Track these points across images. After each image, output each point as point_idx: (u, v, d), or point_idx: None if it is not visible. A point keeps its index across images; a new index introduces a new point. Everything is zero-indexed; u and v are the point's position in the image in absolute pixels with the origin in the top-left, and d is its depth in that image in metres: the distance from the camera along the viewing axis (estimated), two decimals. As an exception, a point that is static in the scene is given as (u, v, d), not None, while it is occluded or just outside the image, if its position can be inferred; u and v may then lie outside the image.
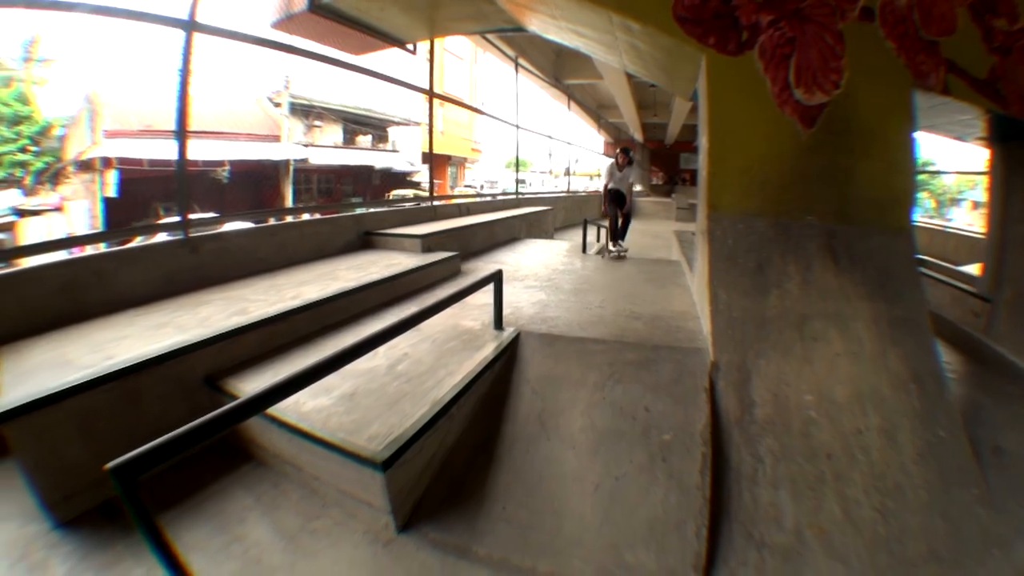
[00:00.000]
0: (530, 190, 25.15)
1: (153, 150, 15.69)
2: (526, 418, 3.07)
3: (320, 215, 7.38)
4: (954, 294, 5.18)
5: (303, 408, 2.53)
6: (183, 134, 4.28)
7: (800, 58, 3.37)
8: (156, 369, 2.67)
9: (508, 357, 3.43)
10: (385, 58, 7.52)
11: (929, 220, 17.15)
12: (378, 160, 26.95)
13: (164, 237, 4.32)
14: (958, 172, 26.68)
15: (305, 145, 22.58)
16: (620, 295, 4.83)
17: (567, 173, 23.13)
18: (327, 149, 23.83)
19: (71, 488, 2.42)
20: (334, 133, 25.12)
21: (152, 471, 1.56)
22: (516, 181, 14.89)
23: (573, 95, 17.78)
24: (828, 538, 2.40)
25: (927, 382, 2.94)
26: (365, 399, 2.67)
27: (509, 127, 12.40)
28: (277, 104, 22.21)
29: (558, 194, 16.33)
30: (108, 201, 16.19)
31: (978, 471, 2.69)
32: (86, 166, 16.87)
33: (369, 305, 4.16)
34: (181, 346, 2.80)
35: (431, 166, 9.04)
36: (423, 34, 7.27)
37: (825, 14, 3.36)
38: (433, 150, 9.09)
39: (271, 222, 5.48)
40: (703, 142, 3.65)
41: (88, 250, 4.07)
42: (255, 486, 2.58)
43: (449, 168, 34.08)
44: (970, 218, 26.94)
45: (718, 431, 2.86)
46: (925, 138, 5.75)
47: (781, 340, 3.12)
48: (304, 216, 6.99)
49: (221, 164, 18.18)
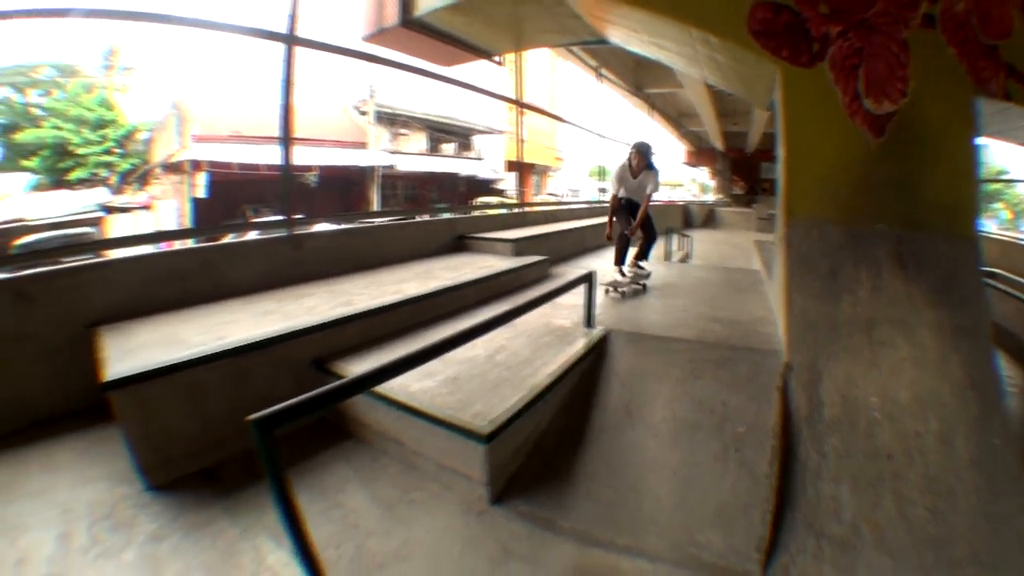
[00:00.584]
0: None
1: (241, 154, 16.50)
2: (614, 408, 3.27)
3: (413, 219, 7.76)
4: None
5: (411, 389, 2.76)
6: (288, 141, 4.59)
7: (868, 68, 3.41)
8: (266, 351, 2.96)
9: (598, 352, 3.65)
10: (471, 69, 7.82)
11: (1004, 232, 16.39)
12: (463, 168, 27.46)
13: (254, 235, 4.73)
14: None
15: (392, 152, 23.21)
16: (701, 300, 5.03)
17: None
18: (413, 156, 24.42)
19: (170, 454, 2.68)
20: (419, 141, 25.76)
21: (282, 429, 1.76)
22: (599, 190, 15.05)
23: (654, 103, 17.82)
24: (881, 533, 2.50)
25: (986, 390, 2.97)
26: (467, 383, 2.91)
27: (590, 135, 12.57)
28: (363, 112, 22.93)
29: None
30: (197, 201, 17.02)
31: (1026, 482, 2.75)
32: (175, 168, 17.80)
33: (465, 303, 4.43)
34: (293, 330, 3.10)
35: (520, 174, 9.30)
36: (510, 47, 7.56)
37: (889, 23, 3.39)
38: (520, 158, 9.41)
39: (362, 224, 5.83)
40: (780, 152, 3.75)
41: (189, 243, 4.47)
42: (355, 460, 2.81)
43: (533, 176, 34.33)
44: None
45: (788, 427, 2.99)
46: (999, 146, 5.68)
47: (851, 344, 3.22)
48: (394, 219, 7.37)
49: (310, 169, 18.83)
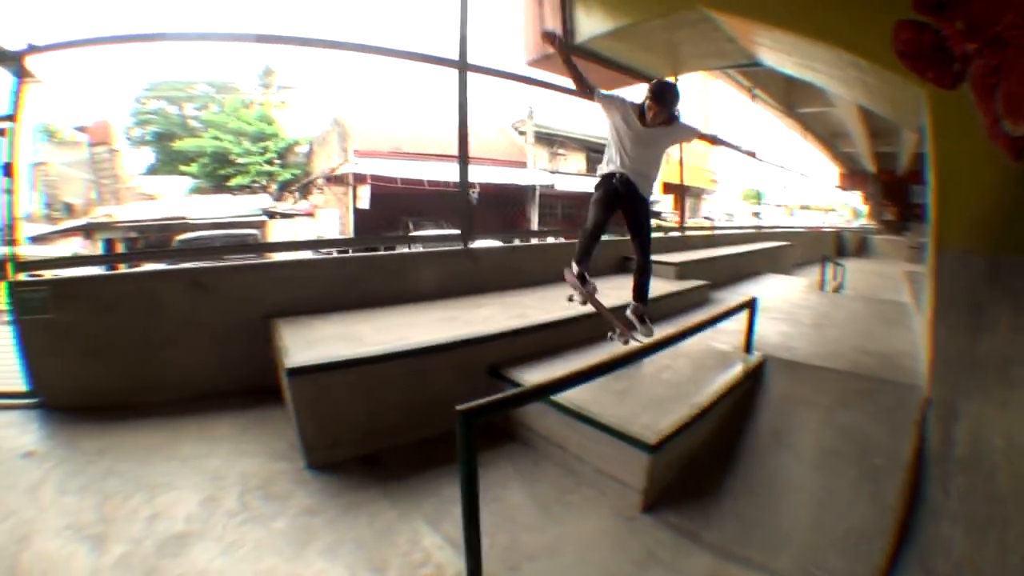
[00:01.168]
0: (767, 224, 25.13)
1: (402, 169, 17.31)
2: (763, 431, 3.43)
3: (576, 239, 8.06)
4: None
5: (583, 398, 2.95)
6: (465, 160, 4.96)
7: (1005, 87, 3.20)
8: (447, 353, 3.25)
9: (754, 377, 3.81)
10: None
11: None
12: None
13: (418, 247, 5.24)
14: None
15: (550, 172, 23.75)
16: (853, 331, 5.09)
17: (802, 207, 22.64)
18: (571, 176, 24.64)
19: (337, 438, 3.00)
20: (577, 161, 26.09)
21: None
22: (754, 215, 14.88)
23: (807, 124, 17.42)
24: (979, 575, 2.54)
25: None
26: (635, 397, 3.13)
27: (743, 158, 12.59)
28: (521, 132, 23.62)
29: (796, 229, 16.59)
30: (359, 212, 18.02)
31: None
32: (337, 180, 18.93)
33: None
34: (476, 336, 3.43)
35: (682, 196, 9.36)
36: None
37: (1019, 36, 3.14)
38: (680, 181, 9.52)
39: (532, 241, 6.17)
40: (930, 178, 3.68)
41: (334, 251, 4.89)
42: (518, 461, 3.05)
43: (688, 199, 33.37)
44: None
45: (920, 463, 3.06)
46: None
47: (985, 382, 3.19)
48: (558, 239, 7.70)
49: (472, 186, 18.85)
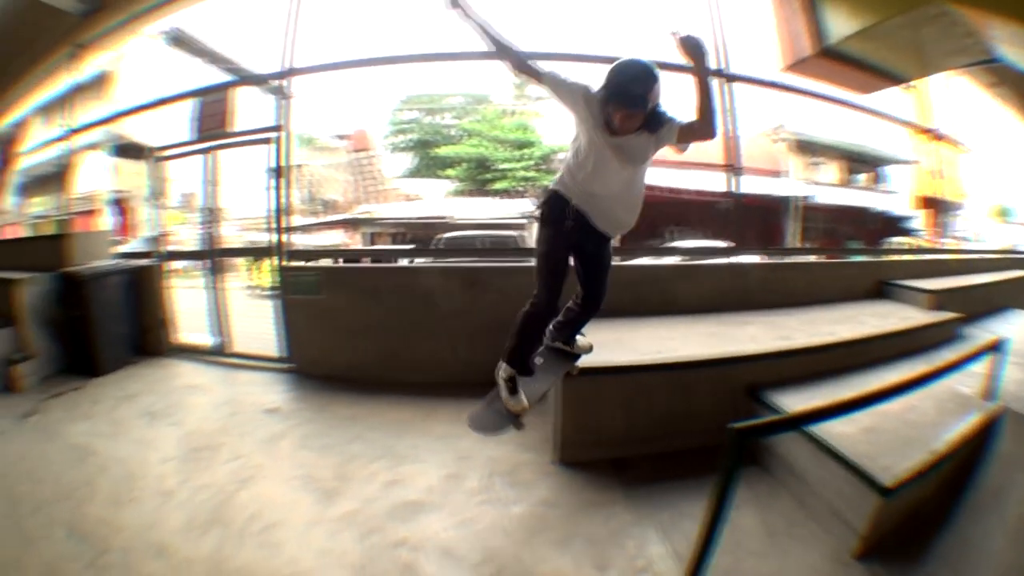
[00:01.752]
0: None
1: (664, 177, 17.18)
2: (983, 491, 3.00)
3: (837, 258, 7.79)
4: None
5: (832, 430, 2.78)
6: (737, 169, 5.10)
7: None
8: (707, 369, 3.25)
9: (988, 428, 3.37)
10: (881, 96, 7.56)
11: None
12: (875, 202, 25.03)
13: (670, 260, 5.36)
14: None
15: (808, 182, 22.78)
16: None
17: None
18: (829, 188, 23.49)
19: (592, 439, 3.12)
20: (833, 171, 24.50)
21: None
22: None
23: None
24: None
25: None
26: (881, 435, 2.87)
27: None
28: (776, 140, 22.77)
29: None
30: None
31: None
32: None
33: (884, 354, 4.22)
34: (737, 355, 3.37)
35: (933, 212, 8.61)
36: (916, 72, 7.24)
37: None
38: (938, 194, 8.89)
39: (793, 259, 6.06)
40: None
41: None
42: (755, 486, 2.93)
43: (940, 215, 31.09)
44: None
45: None
46: None
47: None
48: (820, 257, 7.41)
49: (726, 195, 19.06)
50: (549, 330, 3.14)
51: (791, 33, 6.03)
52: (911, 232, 24.28)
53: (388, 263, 5.61)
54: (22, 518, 3.22)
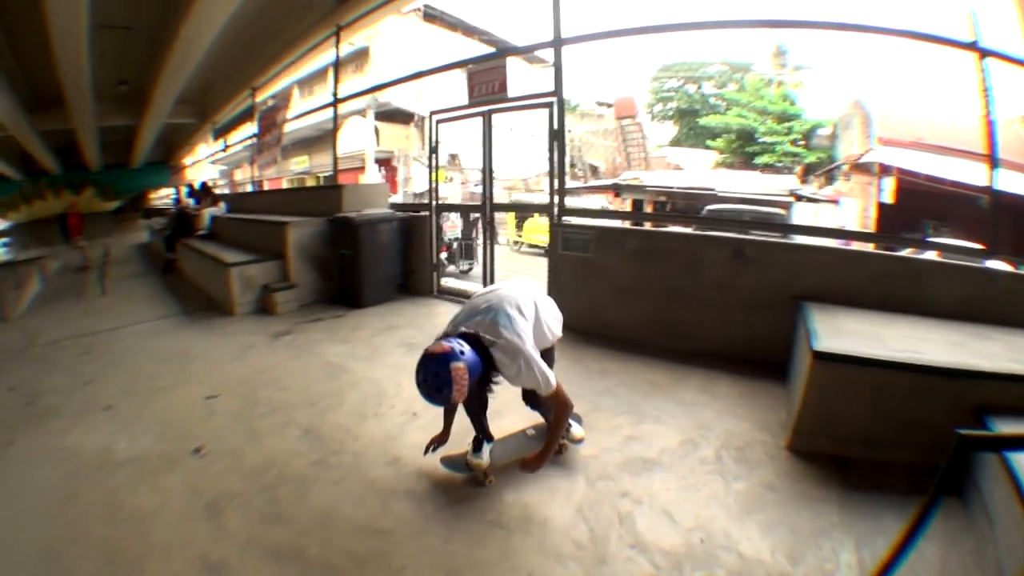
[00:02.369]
0: None
1: (928, 164, 15.62)
2: None
3: None
4: None
5: None
6: (994, 161, 4.31)
7: None
8: (944, 379, 2.98)
9: None
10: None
11: None
12: None
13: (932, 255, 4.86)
14: None
15: None
16: None
17: None
18: None
19: (826, 431, 3.08)
20: None
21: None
22: None
23: None
24: None
25: None
26: None
27: None
28: None
29: None
30: (881, 206, 16.99)
31: None
32: (861, 168, 18.28)
33: None
34: (978, 370, 3.01)
35: None
36: None
37: None
38: None
39: None
40: None
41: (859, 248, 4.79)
42: (950, 518, 2.63)
43: None
44: None
45: None
46: None
47: None
48: None
49: (984, 190, 16.89)
50: None
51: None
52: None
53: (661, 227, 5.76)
54: (255, 417, 3.95)
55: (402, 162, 25.23)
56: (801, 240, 5.01)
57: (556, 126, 5.60)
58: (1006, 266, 4.37)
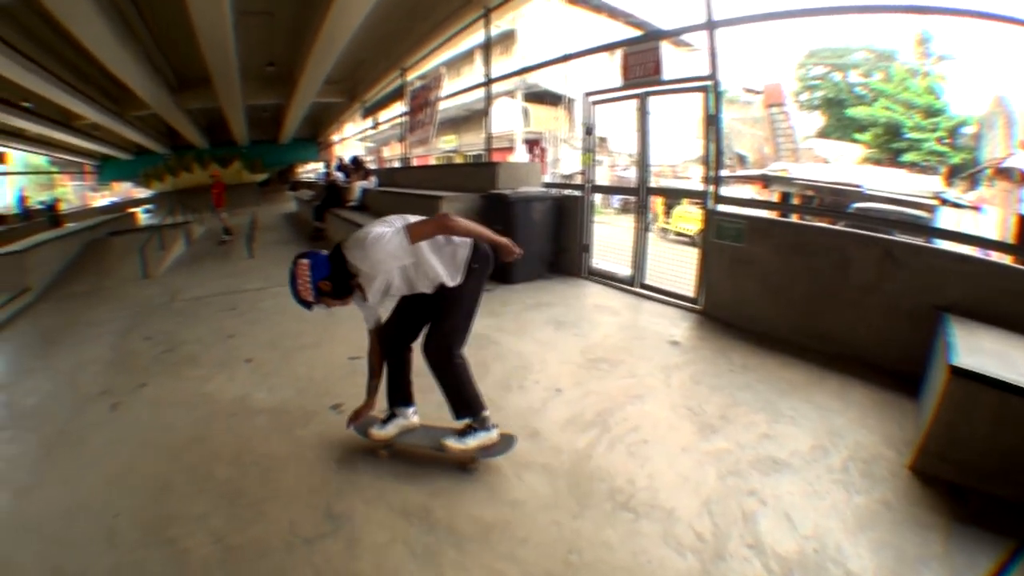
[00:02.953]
0: None
1: None
2: None
3: None
4: None
5: None
6: None
7: None
8: None
9: None
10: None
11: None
12: None
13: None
14: None
15: None
16: None
17: None
18: None
19: (954, 455, 2.86)
20: None
21: None
22: None
23: None
24: None
25: None
26: None
27: None
28: None
29: None
30: (1022, 218, 16.20)
31: None
32: (1003, 174, 17.05)
33: None
34: None
35: None
36: None
37: None
38: None
39: None
40: None
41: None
42: None
43: None
44: None
45: None
46: None
47: None
48: None
49: None
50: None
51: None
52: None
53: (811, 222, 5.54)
54: None
55: (551, 143, 25.52)
56: (946, 246, 4.66)
57: (712, 111, 5.47)
58: None
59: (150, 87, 13.70)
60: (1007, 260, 4.22)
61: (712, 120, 5.49)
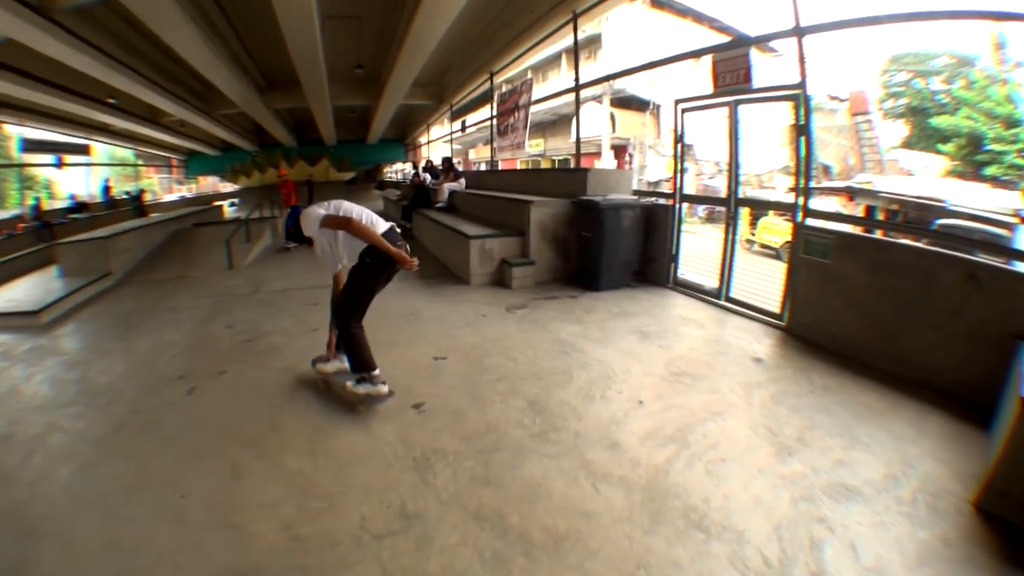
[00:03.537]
0: None
1: None
2: None
3: None
4: None
5: None
6: None
7: None
8: None
9: None
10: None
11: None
12: None
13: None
14: None
15: None
16: None
17: None
18: None
19: (1010, 489, 2.78)
20: None
21: None
22: None
23: None
24: None
25: None
26: None
27: None
28: None
29: None
30: None
31: None
32: None
33: None
34: None
35: None
36: None
37: None
38: None
39: None
40: None
41: None
42: None
43: None
44: None
45: None
46: None
47: None
48: None
49: None
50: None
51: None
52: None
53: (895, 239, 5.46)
54: (481, 383, 4.25)
55: (637, 149, 25.48)
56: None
57: (802, 121, 5.37)
58: None
59: (237, 87, 14.31)
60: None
61: (802, 130, 5.39)
